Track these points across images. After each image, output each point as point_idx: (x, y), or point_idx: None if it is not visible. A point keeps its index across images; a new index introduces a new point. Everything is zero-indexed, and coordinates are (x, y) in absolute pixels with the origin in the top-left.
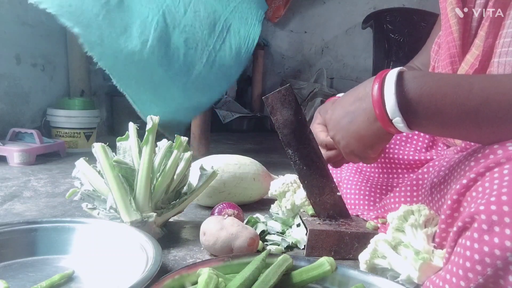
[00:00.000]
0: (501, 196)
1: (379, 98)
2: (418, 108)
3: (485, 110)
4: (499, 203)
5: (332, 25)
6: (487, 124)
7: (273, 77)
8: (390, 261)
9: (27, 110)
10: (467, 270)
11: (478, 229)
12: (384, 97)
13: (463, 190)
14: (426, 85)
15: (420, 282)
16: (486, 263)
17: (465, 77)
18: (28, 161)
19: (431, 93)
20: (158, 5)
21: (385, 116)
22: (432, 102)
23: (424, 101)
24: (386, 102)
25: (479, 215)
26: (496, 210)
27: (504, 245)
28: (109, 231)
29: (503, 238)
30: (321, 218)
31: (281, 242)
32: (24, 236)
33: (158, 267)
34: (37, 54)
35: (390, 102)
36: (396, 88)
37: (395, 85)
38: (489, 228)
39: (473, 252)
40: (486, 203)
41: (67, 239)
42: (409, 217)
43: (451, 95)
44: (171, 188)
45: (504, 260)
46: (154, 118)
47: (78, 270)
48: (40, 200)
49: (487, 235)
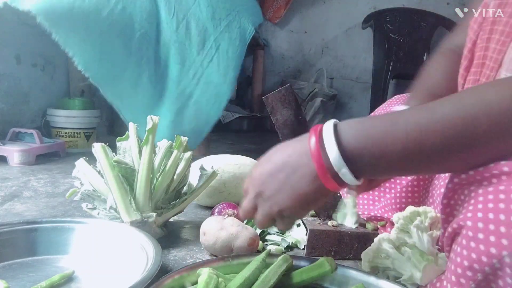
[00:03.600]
0: (487, 204)
1: (317, 152)
2: (363, 153)
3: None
4: (484, 210)
5: (332, 25)
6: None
7: (273, 77)
8: (393, 261)
9: (27, 110)
10: (459, 276)
11: (465, 236)
12: (324, 150)
13: (451, 193)
14: (364, 130)
15: (422, 283)
16: (475, 269)
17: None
18: (28, 161)
19: (372, 135)
20: (150, 18)
21: (326, 170)
22: (375, 143)
23: (367, 145)
24: (329, 155)
25: (465, 221)
26: (481, 217)
27: (490, 252)
28: (109, 231)
29: (488, 245)
30: (321, 218)
31: (281, 242)
32: (24, 236)
33: (158, 267)
34: (37, 54)
35: (333, 154)
36: (336, 139)
37: (334, 136)
38: (474, 235)
39: (463, 258)
40: (473, 209)
41: (67, 239)
42: (415, 218)
43: (391, 132)
44: (171, 188)
45: (491, 266)
46: (154, 118)
47: (78, 270)
48: (40, 200)
49: (473, 242)
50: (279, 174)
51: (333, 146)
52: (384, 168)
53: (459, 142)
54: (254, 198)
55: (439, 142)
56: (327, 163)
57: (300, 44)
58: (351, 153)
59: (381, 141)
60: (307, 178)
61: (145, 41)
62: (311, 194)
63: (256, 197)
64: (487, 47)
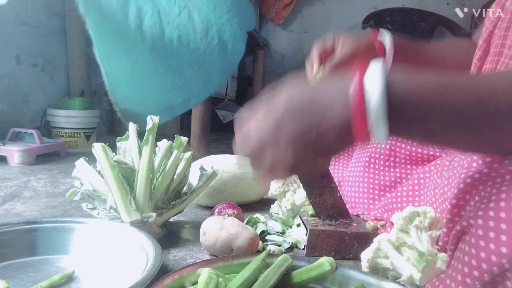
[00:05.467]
0: (499, 202)
1: (360, 94)
2: (409, 106)
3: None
4: (496, 209)
5: (332, 25)
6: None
7: (273, 77)
8: (392, 261)
9: (27, 110)
10: (466, 275)
11: (474, 234)
12: (365, 92)
13: (461, 194)
14: (414, 81)
15: (421, 283)
16: (483, 269)
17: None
18: (28, 161)
19: (420, 91)
20: (153, 2)
21: (363, 113)
22: (421, 101)
23: (413, 99)
24: (371, 97)
25: (476, 220)
26: (493, 216)
27: (500, 251)
28: (109, 231)
29: (498, 244)
30: (321, 218)
31: (282, 242)
32: (24, 236)
33: (158, 267)
34: (37, 54)
35: (375, 98)
36: (383, 82)
37: (381, 78)
38: (485, 234)
39: (471, 257)
40: (484, 208)
41: (67, 239)
42: (414, 218)
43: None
44: (171, 188)
45: (500, 266)
46: (154, 118)
47: (78, 270)
48: (40, 200)
49: (483, 241)
50: (306, 117)
51: (378, 89)
52: (423, 129)
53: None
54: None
55: (493, 112)
56: (368, 108)
57: (300, 44)
58: (397, 102)
59: (432, 98)
60: (338, 113)
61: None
62: (334, 136)
63: (264, 146)
64: (505, 35)
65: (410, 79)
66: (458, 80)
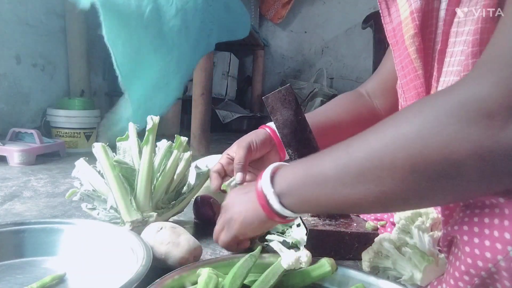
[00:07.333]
0: (484, 209)
1: (261, 195)
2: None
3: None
4: (480, 215)
5: (332, 25)
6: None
7: (273, 77)
8: (393, 261)
9: (27, 110)
10: (457, 279)
11: (461, 240)
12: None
13: None
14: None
15: (422, 284)
16: (472, 274)
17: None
18: (28, 161)
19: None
20: None
21: (268, 209)
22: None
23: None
24: (269, 198)
25: (462, 226)
26: (477, 221)
27: (485, 256)
28: (97, 232)
29: (483, 249)
30: (321, 218)
31: (281, 242)
32: (11, 237)
33: (147, 268)
34: (37, 54)
35: (270, 197)
36: (271, 180)
37: (270, 178)
38: (470, 239)
39: (460, 262)
40: (470, 214)
41: (55, 240)
42: (416, 219)
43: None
44: (171, 188)
45: (487, 270)
46: (154, 118)
47: (67, 272)
48: (40, 200)
49: (468, 247)
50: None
51: (268, 186)
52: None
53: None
54: (222, 224)
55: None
56: (268, 203)
57: (300, 44)
58: (282, 195)
59: (300, 187)
60: (257, 214)
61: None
62: (260, 224)
63: (223, 223)
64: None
65: (286, 176)
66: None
